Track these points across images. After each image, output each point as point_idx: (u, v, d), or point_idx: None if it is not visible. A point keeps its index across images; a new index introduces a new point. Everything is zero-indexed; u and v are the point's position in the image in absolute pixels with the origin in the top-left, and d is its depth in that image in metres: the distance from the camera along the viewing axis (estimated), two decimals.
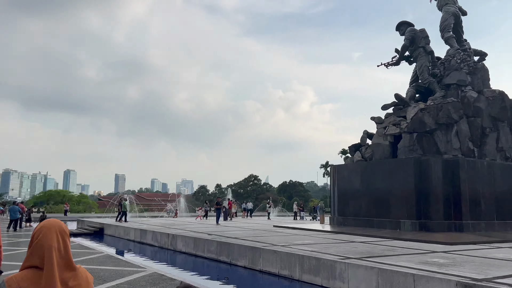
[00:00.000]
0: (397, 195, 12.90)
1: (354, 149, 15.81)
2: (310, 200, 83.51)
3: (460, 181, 12.34)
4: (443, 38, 15.75)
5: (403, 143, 13.58)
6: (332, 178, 15.92)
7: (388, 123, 14.40)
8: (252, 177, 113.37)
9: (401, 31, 16.10)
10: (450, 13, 15.89)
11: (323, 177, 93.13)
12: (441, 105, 13.44)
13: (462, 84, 14.26)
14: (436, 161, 12.51)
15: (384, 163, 13.71)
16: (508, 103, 14.67)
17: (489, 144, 13.94)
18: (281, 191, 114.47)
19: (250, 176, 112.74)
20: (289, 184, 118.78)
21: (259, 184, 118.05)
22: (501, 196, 13.30)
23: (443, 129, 13.34)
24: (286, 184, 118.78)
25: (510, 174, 13.88)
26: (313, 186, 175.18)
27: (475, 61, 15.01)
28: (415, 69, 15.84)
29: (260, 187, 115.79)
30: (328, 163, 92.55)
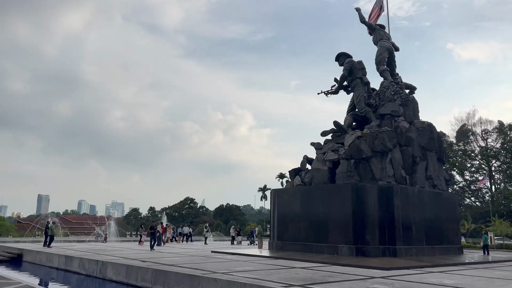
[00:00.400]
0: (335, 220, 13.10)
1: (294, 173, 15.94)
2: (247, 224, 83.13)
3: (394, 207, 12.83)
4: (378, 70, 16.68)
5: (341, 169, 13.94)
6: (272, 202, 15.87)
7: (327, 149, 14.75)
8: (188, 200, 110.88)
9: (340, 62, 16.81)
10: (384, 48, 16.92)
11: (260, 200, 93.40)
12: (376, 134, 14.04)
13: (396, 114, 15.07)
14: (372, 187, 12.94)
15: (323, 188, 13.93)
16: (436, 134, 15.73)
17: (419, 172, 14.74)
18: (217, 214, 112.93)
19: (186, 199, 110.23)
20: (226, 208, 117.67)
21: (195, 207, 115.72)
22: (430, 222, 14.03)
23: (378, 157, 13.90)
24: (223, 208, 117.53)
25: (437, 201, 14.75)
26: (249, 209, 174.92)
27: (407, 93, 15.97)
28: (352, 98, 16.53)
29: (196, 211, 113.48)
30: (266, 186, 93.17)
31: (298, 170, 15.97)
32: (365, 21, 17.85)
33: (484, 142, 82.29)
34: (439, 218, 14.55)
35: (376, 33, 17.56)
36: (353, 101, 16.38)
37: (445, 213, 14.95)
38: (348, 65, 16.11)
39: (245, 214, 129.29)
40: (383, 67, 16.48)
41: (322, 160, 14.59)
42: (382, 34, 17.48)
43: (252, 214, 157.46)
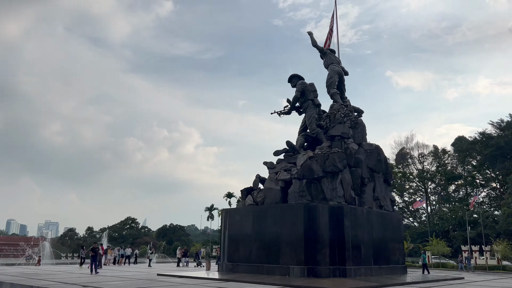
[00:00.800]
0: (287, 241, 13.01)
1: (246, 193, 15.75)
2: (192, 244, 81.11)
3: (344, 228, 13.01)
4: (329, 93, 17.15)
5: (293, 189, 13.97)
6: (223, 223, 15.52)
7: (280, 169, 14.76)
8: (129, 220, 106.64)
9: (293, 83, 17.10)
10: (335, 71, 17.48)
11: (207, 220, 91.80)
12: (327, 155, 14.29)
13: (345, 136, 15.47)
14: (323, 207, 13.06)
15: (275, 208, 13.85)
16: (383, 156, 16.33)
17: (367, 193, 15.15)
18: (160, 235, 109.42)
19: (127, 218, 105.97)
20: (170, 228, 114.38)
21: (136, 227, 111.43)
22: (377, 242, 14.38)
23: (329, 177, 14.13)
24: (166, 228, 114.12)
25: (384, 222, 15.21)
26: (193, 230, 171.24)
27: (356, 116, 16.50)
28: (304, 119, 16.80)
29: (138, 231, 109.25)
30: (213, 206, 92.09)
31: (250, 189, 15.81)
32: (317, 45, 18.37)
33: (421, 165, 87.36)
34: (386, 238, 14.98)
35: (327, 57, 18.11)
36: (305, 122, 16.65)
37: (391, 233, 15.43)
38: (301, 86, 16.41)
39: (189, 235, 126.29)
40: (333, 90, 16.96)
41: (274, 180, 14.56)
42: (332, 58, 18.06)
43: (197, 235, 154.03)
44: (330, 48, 18.76)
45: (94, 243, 16.69)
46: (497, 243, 38.92)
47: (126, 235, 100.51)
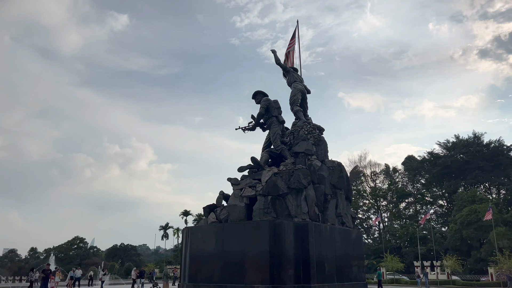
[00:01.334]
0: (251, 259, 12.72)
1: (208, 210, 15.36)
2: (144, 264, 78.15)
3: (309, 245, 12.94)
4: (293, 111, 17.29)
5: (258, 206, 13.78)
6: (185, 241, 14.99)
7: (245, 185, 14.55)
8: (77, 240, 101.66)
9: (257, 100, 17.10)
10: (298, 89, 17.69)
11: (161, 239, 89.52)
12: (292, 171, 14.28)
13: (309, 153, 15.58)
14: (289, 224, 12.95)
15: (240, 225, 13.57)
16: (345, 173, 16.58)
17: (330, 210, 15.25)
18: (110, 255, 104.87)
19: (75, 238, 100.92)
20: (120, 248, 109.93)
21: (85, 247, 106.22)
22: (340, 259, 14.43)
23: (294, 194, 14.09)
24: (117, 248, 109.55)
25: (346, 238, 15.34)
26: (145, 249, 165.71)
27: (318, 134, 16.71)
28: (268, 136, 16.79)
29: (86, 251, 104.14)
30: (168, 224, 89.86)
31: (213, 206, 15.44)
32: (280, 63, 18.56)
33: (373, 183, 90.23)
34: (348, 255, 15.08)
35: (290, 75, 18.31)
36: (269, 138, 16.63)
37: (353, 250, 15.57)
38: (265, 103, 16.43)
39: (141, 255, 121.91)
40: (297, 108, 17.13)
41: (239, 196, 14.31)
42: (295, 76, 18.29)
43: (148, 255, 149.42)
44: (293, 67, 19.01)
45: (47, 265, 15.53)
46: (447, 258, 40.68)
47: (73, 255, 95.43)
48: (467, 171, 71.07)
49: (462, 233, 54.10)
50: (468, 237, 54.09)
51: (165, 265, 52.58)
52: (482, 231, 51.89)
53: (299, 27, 20.65)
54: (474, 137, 77.89)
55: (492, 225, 45.85)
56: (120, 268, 79.21)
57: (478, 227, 52.04)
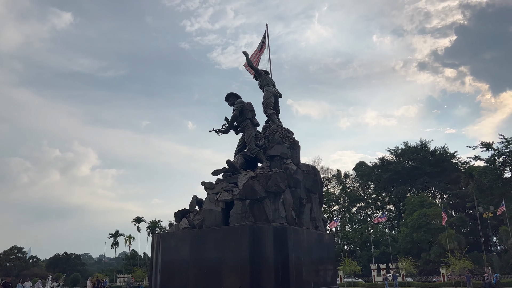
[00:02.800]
0: (230, 266, 12.27)
1: (180, 215, 14.71)
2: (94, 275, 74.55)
3: (288, 250, 12.69)
4: (266, 114, 17.07)
5: (236, 210, 13.36)
6: (155, 249, 14.20)
7: (220, 189, 14.07)
8: (15, 250, 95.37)
9: (230, 102, 16.72)
10: (271, 93, 17.50)
11: (111, 247, 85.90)
12: (269, 175, 14.02)
13: (285, 156, 15.40)
14: (268, 229, 12.64)
15: (217, 230, 13.06)
16: (319, 177, 16.56)
17: (305, 214, 15.14)
18: (51, 265, 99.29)
19: (12, 248, 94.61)
20: (63, 257, 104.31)
21: (23, 257, 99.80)
22: (316, 264, 14.33)
23: (272, 198, 13.83)
24: (59, 257, 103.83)
25: (321, 243, 15.28)
26: (87, 258, 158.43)
27: (293, 137, 16.59)
28: (241, 139, 16.43)
29: (25, 262, 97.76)
30: (118, 232, 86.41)
31: (184, 211, 14.81)
32: (252, 66, 18.35)
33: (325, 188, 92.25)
34: (323, 259, 15.03)
35: (262, 78, 18.11)
36: (242, 141, 16.28)
37: (327, 254, 15.55)
38: (239, 105, 16.09)
39: (85, 264, 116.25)
40: (270, 111, 16.93)
41: (215, 201, 13.81)
42: (268, 79, 18.11)
43: (91, 264, 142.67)
44: (264, 70, 18.83)
45: (8, 278, 14.10)
46: (402, 260, 42.23)
47: (10, 266, 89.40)
48: (415, 176, 74.57)
49: (413, 236, 56.48)
50: (419, 240, 56.61)
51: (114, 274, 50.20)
52: (431, 234, 54.43)
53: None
54: (422, 145, 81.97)
55: (441, 228, 48.21)
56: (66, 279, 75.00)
57: (428, 230, 54.52)
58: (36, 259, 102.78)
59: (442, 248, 50.39)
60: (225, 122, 16.54)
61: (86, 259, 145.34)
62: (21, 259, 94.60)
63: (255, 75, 18.57)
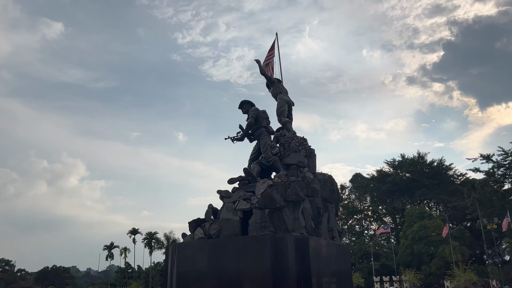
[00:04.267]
0: (251, 277, 11.86)
1: (195, 225, 14.30)
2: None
3: (310, 260, 12.31)
4: (280, 122, 16.81)
5: (255, 219, 12.99)
6: (170, 260, 13.74)
7: (238, 198, 13.71)
8: (2, 262, 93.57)
9: (244, 109, 16.48)
10: (284, 101, 17.27)
11: (106, 260, 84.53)
12: (288, 183, 13.68)
13: (301, 165, 15.10)
14: (290, 239, 12.27)
15: (237, 240, 12.66)
16: (335, 186, 16.25)
17: (323, 224, 14.80)
18: (40, 278, 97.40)
19: (1, 260, 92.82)
20: (52, 270, 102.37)
21: (11, 271, 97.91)
22: (335, 275, 13.92)
23: (291, 207, 13.48)
24: (48, 270, 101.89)
25: (339, 254, 14.89)
26: (75, 271, 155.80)
27: (309, 146, 16.32)
28: (256, 147, 16.13)
29: (13, 275, 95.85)
30: (113, 244, 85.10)
31: (199, 221, 14.41)
32: (265, 74, 18.14)
33: None
34: (340, 270, 14.63)
35: (275, 86, 17.89)
36: (257, 149, 15.99)
37: (344, 265, 15.16)
38: (255, 113, 15.84)
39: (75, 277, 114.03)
40: (285, 119, 16.68)
41: (232, 210, 13.43)
42: (281, 88, 17.89)
43: (79, 277, 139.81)
44: (277, 78, 18.62)
45: None
46: (406, 272, 41.78)
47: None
48: (413, 188, 74.51)
49: (413, 248, 56.11)
50: (419, 252, 56.24)
51: None
52: (432, 246, 54.11)
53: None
54: (419, 157, 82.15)
55: (441, 240, 47.93)
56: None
57: (428, 242, 54.21)
58: (24, 272, 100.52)
59: (443, 260, 50.06)
60: (240, 129, 16.26)
61: (73, 273, 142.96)
62: (9, 272, 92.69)
63: (268, 83, 18.37)
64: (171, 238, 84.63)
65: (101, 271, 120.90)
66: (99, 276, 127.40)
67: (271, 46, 20.97)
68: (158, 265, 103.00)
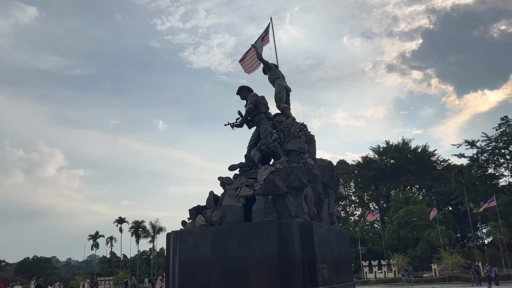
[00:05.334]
0: (257, 263, 11.79)
1: (195, 212, 14.14)
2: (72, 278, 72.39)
3: (314, 246, 12.33)
4: (279, 108, 16.66)
5: (258, 206, 12.90)
6: (172, 247, 13.58)
7: (240, 184, 13.58)
8: None
9: (242, 95, 16.25)
10: (282, 86, 17.11)
11: (91, 249, 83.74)
12: (291, 169, 13.61)
13: (302, 151, 15.02)
14: (295, 225, 12.23)
15: (241, 227, 12.55)
16: (335, 172, 16.24)
17: (324, 210, 14.81)
18: (21, 269, 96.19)
19: None
20: (33, 261, 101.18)
21: None
22: (336, 260, 13.99)
23: (294, 193, 13.43)
24: (28, 261, 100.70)
25: (340, 239, 14.95)
26: (55, 262, 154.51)
27: (309, 132, 16.23)
28: (255, 133, 15.97)
29: None
30: (98, 233, 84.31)
31: (199, 208, 14.25)
32: (262, 59, 17.92)
33: None
34: (342, 255, 14.71)
35: (272, 72, 17.69)
36: (256, 136, 15.82)
37: (344, 250, 15.24)
38: (254, 98, 15.63)
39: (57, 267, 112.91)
40: (284, 105, 16.55)
41: (235, 196, 13.30)
42: (278, 73, 17.70)
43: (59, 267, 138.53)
44: (274, 64, 18.40)
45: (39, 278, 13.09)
46: (395, 256, 42.63)
47: None
48: (399, 174, 75.64)
49: (399, 233, 57.16)
50: (405, 236, 57.37)
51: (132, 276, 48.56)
52: (417, 230, 55.23)
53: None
54: (403, 143, 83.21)
55: (426, 224, 48.93)
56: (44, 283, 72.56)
57: (414, 226, 55.28)
58: (5, 263, 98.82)
59: (428, 244, 51.20)
60: (239, 116, 16.05)
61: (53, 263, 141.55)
62: None
63: (264, 68, 18.13)
64: (157, 227, 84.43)
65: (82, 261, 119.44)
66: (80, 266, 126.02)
67: (265, 30, 20.69)
68: (144, 253, 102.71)
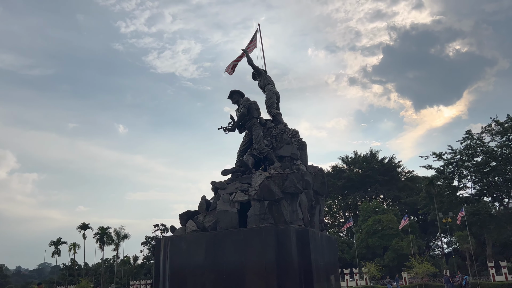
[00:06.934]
0: (254, 270, 11.58)
1: (186, 217, 13.77)
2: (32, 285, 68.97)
3: (310, 252, 12.27)
4: (270, 114, 16.62)
5: (253, 211, 12.72)
6: (163, 253, 13.13)
7: (235, 189, 13.35)
8: None
9: (234, 100, 16.12)
10: (273, 92, 17.11)
11: (52, 256, 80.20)
12: (286, 175, 13.53)
13: (295, 157, 15.00)
14: (292, 231, 12.13)
15: (237, 232, 12.31)
16: (326, 179, 16.32)
17: (316, 216, 14.82)
18: None
19: None
20: None
21: None
22: (327, 267, 14.00)
23: (288, 199, 13.34)
24: None
25: (330, 246, 14.98)
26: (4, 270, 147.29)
27: (301, 138, 16.24)
28: (246, 138, 15.81)
29: None
30: (61, 239, 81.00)
31: (191, 213, 13.89)
32: (253, 64, 17.86)
33: None
34: (331, 262, 14.74)
35: (262, 77, 17.69)
36: (247, 141, 15.68)
37: (333, 256, 15.29)
38: (247, 103, 15.50)
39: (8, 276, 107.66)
40: (275, 111, 16.53)
41: (229, 201, 13.06)
42: (268, 79, 17.71)
43: (9, 276, 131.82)
44: (264, 69, 18.39)
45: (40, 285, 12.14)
46: (367, 265, 43.30)
47: None
48: (367, 184, 77.28)
49: (368, 241, 58.22)
50: (373, 245, 58.49)
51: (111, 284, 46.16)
52: (385, 239, 56.43)
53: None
54: (371, 154, 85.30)
55: (394, 234, 50.12)
56: None
57: (382, 235, 56.46)
58: None
59: (396, 252, 52.45)
60: (231, 120, 15.86)
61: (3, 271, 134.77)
62: None
63: (254, 74, 18.06)
64: (121, 234, 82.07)
65: (33, 269, 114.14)
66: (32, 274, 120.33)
67: (253, 36, 20.66)
68: (106, 261, 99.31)
